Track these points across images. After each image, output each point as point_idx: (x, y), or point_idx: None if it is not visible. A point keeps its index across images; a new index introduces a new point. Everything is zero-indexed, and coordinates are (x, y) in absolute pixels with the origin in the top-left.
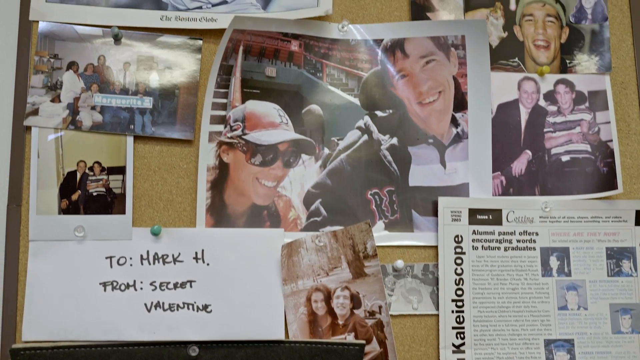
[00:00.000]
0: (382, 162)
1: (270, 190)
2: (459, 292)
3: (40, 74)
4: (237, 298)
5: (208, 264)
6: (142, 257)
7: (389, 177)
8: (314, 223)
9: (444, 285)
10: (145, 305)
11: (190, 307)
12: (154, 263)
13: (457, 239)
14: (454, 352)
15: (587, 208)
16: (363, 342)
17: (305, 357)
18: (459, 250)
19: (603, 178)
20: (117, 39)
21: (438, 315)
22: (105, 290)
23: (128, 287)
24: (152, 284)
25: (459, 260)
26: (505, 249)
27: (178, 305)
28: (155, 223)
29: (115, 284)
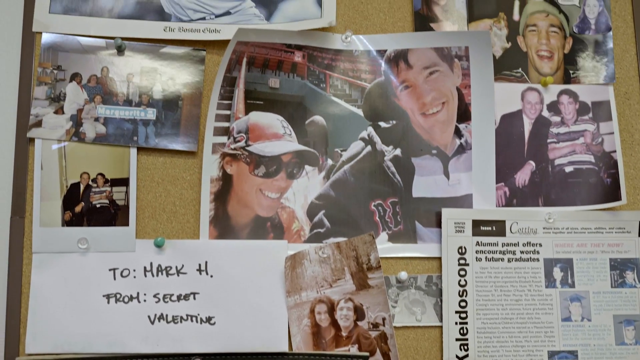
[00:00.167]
0: (385, 173)
1: (274, 202)
2: (463, 303)
3: (44, 86)
4: (240, 310)
5: (211, 276)
6: (145, 269)
7: (393, 188)
8: (318, 234)
9: (448, 297)
10: (149, 317)
11: (194, 319)
12: (158, 275)
13: (460, 250)
14: None
15: (590, 219)
16: (367, 354)
17: None
18: (463, 262)
19: (607, 189)
20: (120, 50)
21: (442, 327)
22: (109, 303)
23: (131, 299)
24: (155, 296)
25: (463, 272)
26: (509, 260)
27: (181, 317)
28: (159, 235)
29: (119, 296)
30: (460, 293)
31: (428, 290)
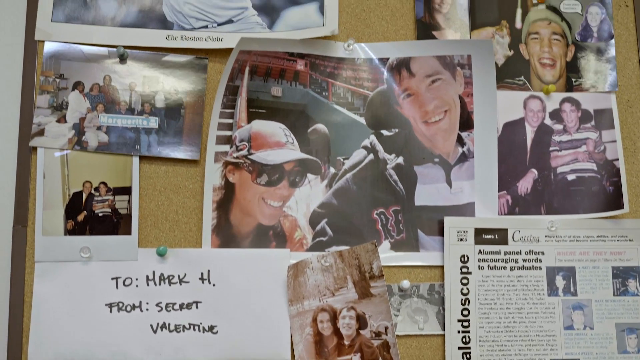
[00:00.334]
0: (387, 181)
1: (276, 210)
2: (465, 312)
3: (46, 94)
4: (243, 319)
5: (214, 285)
6: (148, 277)
7: (395, 196)
8: (320, 243)
9: (450, 305)
10: (152, 326)
11: (196, 328)
12: (160, 284)
13: (463, 259)
14: None
15: (593, 227)
16: None
17: None
18: (465, 270)
19: (609, 197)
20: (122, 59)
21: (444, 336)
22: (111, 312)
23: (134, 308)
24: (158, 305)
25: (465, 280)
26: (511, 269)
27: (184, 326)
28: (161, 243)
29: (121, 305)
30: (463, 301)
31: (430, 299)
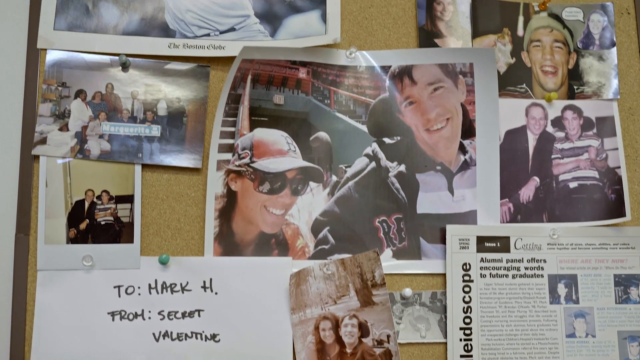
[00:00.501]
0: (390, 189)
1: (278, 218)
2: (467, 320)
3: (48, 103)
4: (245, 327)
5: (216, 293)
6: (150, 286)
7: (397, 204)
8: (322, 251)
9: (452, 313)
10: (154, 335)
11: (199, 336)
12: (162, 292)
13: (465, 267)
14: None
15: (595, 235)
16: None
17: None
18: (467, 278)
19: (611, 205)
20: (125, 67)
21: (446, 344)
22: (114, 320)
23: (136, 316)
24: (160, 314)
25: (467, 288)
26: (513, 277)
27: (186, 335)
28: (164, 252)
29: (124, 314)
30: (465, 309)
31: (432, 307)
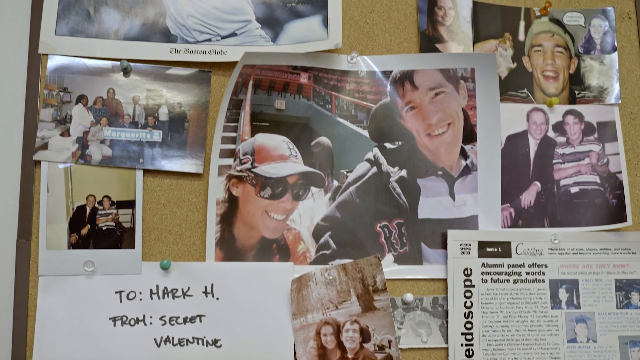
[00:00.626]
0: (391, 194)
1: (280, 224)
2: (468, 325)
3: (50, 108)
4: (246, 333)
5: (217, 298)
6: (151, 291)
7: (398, 209)
8: (324, 256)
9: (454, 318)
10: (155, 340)
11: (200, 341)
12: (164, 297)
13: (466, 272)
14: None
15: (596, 240)
16: None
17: None
18: (468, 283)
19: (612, 210)
20: (126, 72)
21: (447, 349)
22: (115, 325)
23: (138, 321)
24: (161, 319)
25: (469, 293)
26: (515, 282)
27: (188, 340)
28: (165, 257)
29: (125, 319)
30: (466, 315)
31: (434, 312)
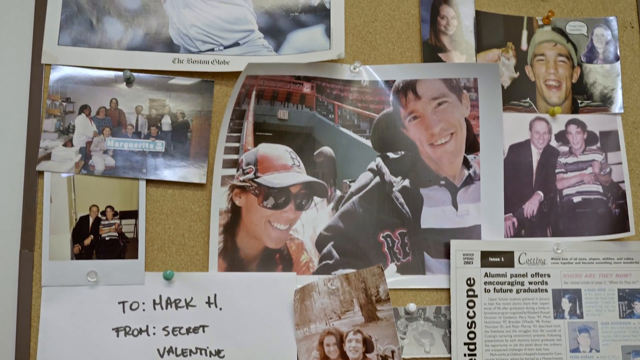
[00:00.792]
0: (394, 204)
1: (283, 234)
2: (471, 335)
3: (53, 118)
4: (249, 343)
5: (221, 309)
6: (154, 301)
7: (401, 219)
8: (327, 266)
9: (456, 328)
10: (158, 351)
11: (203, 352)
12: (167, 308)
13: (469, 282)
14: None
15: (598, 249)
16: None
17: None
18: (471, 293)
19: (615, 220)
20: (129, 82)
21: (450, 359)
22: (118, 336)
23: (141, 332)
24: (164, 329)
25: (471, 303)
26: (517, 291)
27: (191, 351)
28: (168, 267)
29: (128, 329)
30: (469, 324)
31: (437, 322)
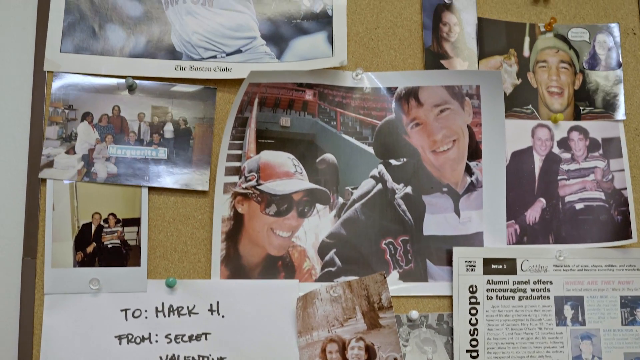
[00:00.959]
0: (396, 211)
1: (285, 241)
2: (474, 342)
3: (55, 125)
4: (252, 350)
5: (223, 316)
6: (157, 309)
7: (404, 226)
8: (329, 273)
9: (459, 336)
10: (161, 358)
11: (206, 359)
12: (169, 315)
13: (471, 289)
14: None
15: (601, 256)
16: None
17: None
18: (474, 300)
19: (617, 227)
20: (131, 89)
21: None
22: (121, 343)
23: (143, 340)
24: (167, 337)
25: (474, 310)
26: (520, 299)
27: (193, 358)
28: (170, 275)
29: (131, 337)
30: (471, 332)
31: (439, 329)
